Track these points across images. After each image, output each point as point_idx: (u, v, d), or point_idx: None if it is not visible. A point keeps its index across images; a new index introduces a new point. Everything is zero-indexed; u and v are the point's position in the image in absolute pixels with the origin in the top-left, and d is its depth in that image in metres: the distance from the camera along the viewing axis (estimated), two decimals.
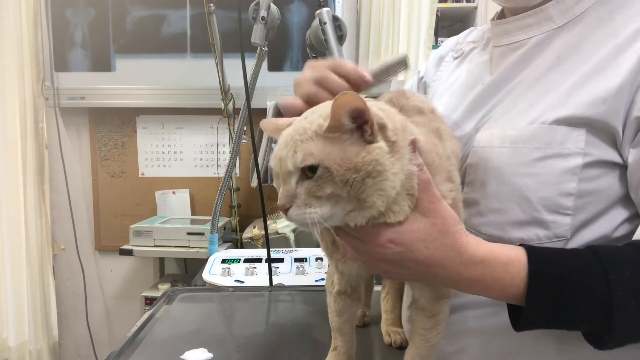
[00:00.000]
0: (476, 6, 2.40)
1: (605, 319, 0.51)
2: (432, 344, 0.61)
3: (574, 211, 0.59)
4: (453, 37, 0.90)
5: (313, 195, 0.48)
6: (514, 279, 0.53)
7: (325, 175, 0.47)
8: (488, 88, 0.70)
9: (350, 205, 0.49)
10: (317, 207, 0.48)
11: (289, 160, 0.49)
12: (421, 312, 0.60)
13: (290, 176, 0.49)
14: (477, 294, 0.56)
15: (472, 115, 0.70)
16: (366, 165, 0.47)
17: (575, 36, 0.64)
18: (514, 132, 0.62)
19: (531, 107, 0.62)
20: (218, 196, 1.71)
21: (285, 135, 0.52)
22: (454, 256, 0.52)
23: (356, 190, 0.47)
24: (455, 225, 0.53)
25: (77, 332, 2.49)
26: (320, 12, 1.40)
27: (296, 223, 0.50)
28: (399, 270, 0.54)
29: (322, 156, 0.47)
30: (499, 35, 0.73)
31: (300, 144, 0.49)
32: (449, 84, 0.81)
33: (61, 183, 2.38)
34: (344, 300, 0.66)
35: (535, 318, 0.54)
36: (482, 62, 0.75)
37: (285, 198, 0.49)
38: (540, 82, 0.63)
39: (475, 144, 0.67)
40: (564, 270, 0.52)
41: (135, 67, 2.27)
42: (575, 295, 0.52)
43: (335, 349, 0.70)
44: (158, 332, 0.88)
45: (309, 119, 0.51)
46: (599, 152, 0.58)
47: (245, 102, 1.49)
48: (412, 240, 0.51)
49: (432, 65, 0.90)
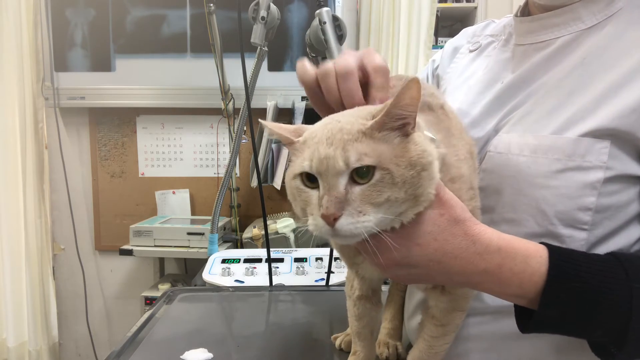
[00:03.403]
0: (476, 6, 2.40)
1: (621, 328, 0.49)
2: (436, 352, 0.60)
3: (591, 226, 0.56)
4: (470, 28, 0.86)
5: (370, 201, 0.43)
6: (534, 274, 0.50)
7: (385, 178, 0.43)
8: (509, 88, 0.67)
9: (405, 205, 0.45)
10: (372, 214, 0.44)
11: (339, 158, 0.43)
12: (431, 320, 0.59)
13: (338, 178, 0.44)
14: (491, 291, 0.53)
15: (492, 115, 0.67)
16: (420, 158, 0.44)
17: (604, 38, 0.60)
18: (535, 141, 0.59)
19: (554, 112, 0.59)
20: (218, 196, 1.71)
21: (320, 135, 0.46)
22: (468, 245, 0.49)
23: (414, 187, 0.44)
24: (464, 213, 0.49)
25: (77, 332, 2.49)
26: (320, 12, 1.39)
27: (344, 235, 0.44)
28: (409, 271, 0.51)
29: (377, 156, 0.44)
30: (522, 33, 0.69)
31: (349, 143, 0.44)
32: (465, 78, 0.78)
33: (61, 183, 2.38)
34: (364, 305, 0.65)
35: (547, 318, 0.51)
36: (503, 59, 0.72)
37: (335, 205, 0.43)
38: (565, 85, 0.60)
39: (492, 149, 0.63)
40: (586, 271, 0.49)
41: (135, 67, 2.27)
42: (594, 299, 0.49)
43: (354, 353, 0.68)
44: (158, 332, 0.88)
45: (345, 121, 0.47)
46: (621, 165, 0.55)
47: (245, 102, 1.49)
48: (418, 233, 0.48)
49: (447, 55, 0.86)
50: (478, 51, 0.79)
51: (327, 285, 1.17)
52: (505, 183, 0.61)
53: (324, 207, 0.44)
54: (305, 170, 0.46)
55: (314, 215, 0.46)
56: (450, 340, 0.60)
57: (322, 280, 1.22)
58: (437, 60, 0.89)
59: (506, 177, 0.61)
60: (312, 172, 0.46)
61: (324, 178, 0.45)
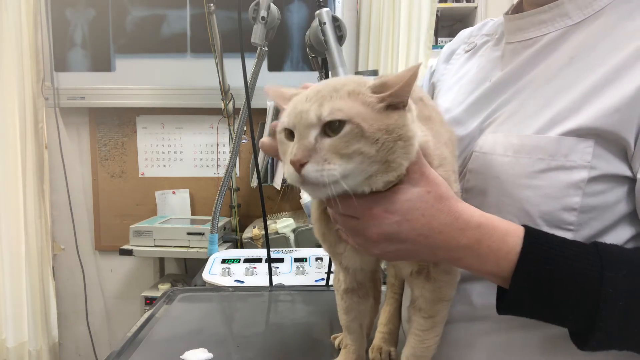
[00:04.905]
0: (476, 6, 2.40)
1: (592, 315, 0.49)
2: (427, 346, 0.60)
3: (576, 227, 0.56)
4: (466, 30, 0.85)
5: (337, 152, 0.46)
6: (510, 252, 0.51)
7: (354, 131, 0.46)
8: (495, 86, 0.67)
9: (375, 166, 0.47)
10: (337, 164, 0.46)
11: (312, 112, 0.47)
12: (419, 313, 0.60)
13: (309, 130, 0.47)
14: (471, 267, 0.53)
15: (476, 114, 0.67)
16: (398, 129, 0.47)
17: (591, 35, 0.60)
18: (518, 141, 0.59)
19: (539, 112, 0.59)
20: (218, 196, 1.71)
21: (307, 93, 0.50)
22: (451, 221, 0.51)
23: (386, 151, 0.47)
24: (448, 191, 0.52)
25: (77, 332, 2.49)
26: (319, 12, 1.39)
27: (310, 182, 0.46)
28: (397, 247, 0.52)
29: (353, 113, 0.46)
30: (512, 31, 0.69)
31: (328, 100, 0.47)
32: (458, 78, 0.78)
33: (61, 183, 2.38)
34: (351, 298, 0.66)
35: (519, 299, 0.52)
36: (494, 58, 0.72)
37: (302, 152, 0.46)
38: (551, 83, 0.60)
39: (477, 149, 0.64)
40: (559, 254, 0.50)
41: (135, 67, 2.27)
42: (564, 283, 0.50)
43: (345, 346, 0.70)
44: (158, 332, 0.88)
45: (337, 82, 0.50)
46: (606, 165, 0.55)
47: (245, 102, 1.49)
48: (407, 209, 0.50)
49: (442, 60, 0.86)
50: (473, 51, 0.79)
51: (327, 285, 1.17)
52: (489, 184, 0.61)
53: (292, 154, 0.47)
54: (284, 126, 0.50)
55: (287, 164, 0.49)
56: (440, 332, 0.60)
57: (322, 280, 1.22)
58: (434, 66, 0.89)
59: (491, 178, 0.61)
60: (288, 126, 0.49)
61: (297, 130, 0.48)
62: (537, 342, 0.60)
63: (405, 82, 0.47)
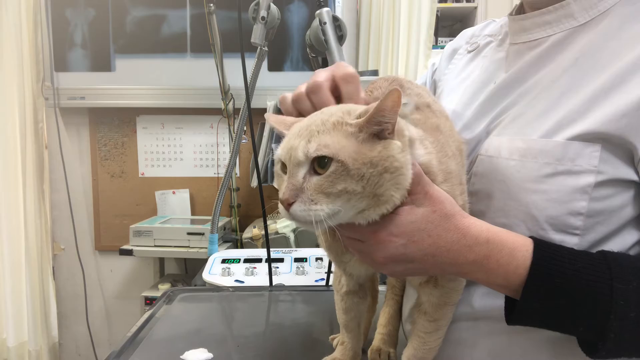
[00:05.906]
0: (476, 6, 2.40)
1: (602, 326, 0.49)
2: (430, 348, 0.61)
3: (582, 231, 0.55)
4: (469, 29, 0.85)
5: (322, 191, 0.46)
6: (519, 267, 0.51)
7: (339, 170, 0.46)
8: (500, 88, 0.66)
9: (364, 202, 0.47)
10: (324, 204, 0.46)
11: (300, 149, 0.47)
12: (423, 316, 0.60)
13: (298, 168, 0.47)
14: (480, 280, 0.54)
15: (483, 116, 0.67)
16: (382, 160, 0.46)
17: (597, 36, 0.59)
18: (524, 145, 0.58)
19: (545, 115, 0.58)
20: (218, 196, 1.71)
21: (299, 126, 0.50)
22: (458, 239, 0.51)
23: (373, 185, 0.46)
24: (453, 207, 0.51)
25: (77, 332, 2.49)
26: (320, 12, 1.39)
27: (298, 220, 0.47)
28: (406, 266, 0.52)
29: (337, 149, 0.46)
30: (516, 32, 0.68)
31: (316, 135, 0.47)
32: (461, 79, 0.77)
33: (61, 183, 2.38)
34: (352, 299, 0.67)
35: (529, 310, 0.52)
36: (498, 59, 0.71)
37: (289, 192, 0.47)
38: (557, 86, 0.59)
39: (483, 152, 0.63)
40: (569, 267, 0.50)
41: (135, 67, 2.27)
42: (575, 296, 0.50)
43: (342, 343, 0.71)
44: (158, 332, 0.88)
45: (326, 113, 0.50)
46: (613, 170, 0.54)
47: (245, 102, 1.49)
48: (413, 230, 0.50)
49: (444, 58, 0.85)
50: (476, 52, 0.78)
51: (327, 285, 1.17)
52: (495, 187, 0.61)
53: (281, 193, 0.48)
54: (279, 158, 0.51)
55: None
56: (443, 335, 0.61)
57: (322, 280, 1.22)
58: (436, 64, 0.88)
59: (496, 182, 0.60)
60: (282, 160, 0.50)
61: (288, 166, 0.49)
62: (539, 342, 0.60)
63: (379, 107, 0.46)
